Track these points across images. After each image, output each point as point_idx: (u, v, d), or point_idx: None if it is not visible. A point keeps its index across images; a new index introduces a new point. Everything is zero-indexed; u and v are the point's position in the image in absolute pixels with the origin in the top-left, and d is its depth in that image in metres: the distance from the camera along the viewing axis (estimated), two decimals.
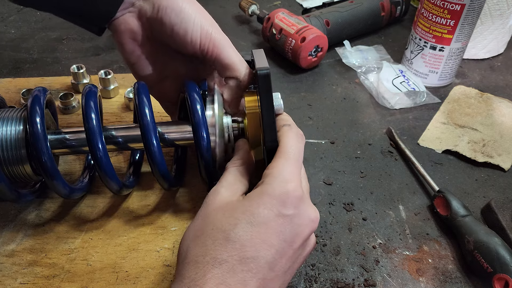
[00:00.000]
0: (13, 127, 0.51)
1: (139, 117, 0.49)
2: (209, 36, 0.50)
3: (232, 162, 0.46)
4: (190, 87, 0.52)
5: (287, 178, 0.39)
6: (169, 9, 0.49)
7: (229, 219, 0.38)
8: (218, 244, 0.36)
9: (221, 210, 0.39)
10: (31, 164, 0.52)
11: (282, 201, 0.38)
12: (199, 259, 0.36)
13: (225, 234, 0.37)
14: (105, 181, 0.52)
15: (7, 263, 0.52)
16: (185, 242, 0.39)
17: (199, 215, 0.41)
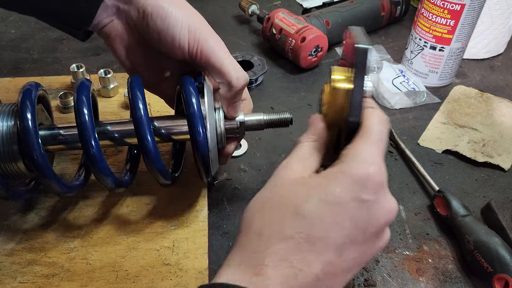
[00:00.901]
0: (4, 122, 0.50)
1: (132, 110, 0.48)
2: (197, 41, 0.49)
3: (306, 136, 0.42)
4: (186, 80, 0.51)
5: (369, 160, 0.35)
6: (155, 14, 0.47)
7: (300, 193, 0.35)
8: (285, 219, 0.34)
9: (292, 183, 0.36)
10: (23, 161, 0.50)
11: (361, 184, 0.34)
12: (263, 232, 0.34)
13: (294, 209, 0.34)
14: (98, 177, 0.51)
15: (6, 262, 0.52)
16: (250, 212, 0.36)
17: (267, 186, 0.38)
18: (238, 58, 0.85)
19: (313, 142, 0.41)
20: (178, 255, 0.53)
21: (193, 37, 0.48)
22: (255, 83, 0.84)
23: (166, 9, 0.48)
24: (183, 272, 0.52)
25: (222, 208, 0.61)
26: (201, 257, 0.53)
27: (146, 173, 0.63)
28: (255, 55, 0.86)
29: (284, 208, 0.34)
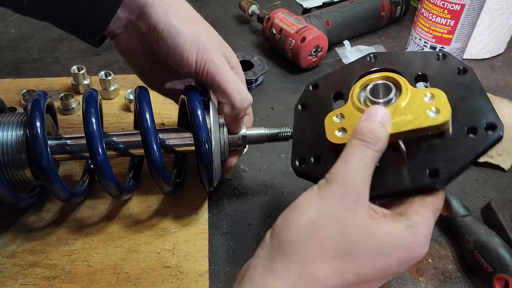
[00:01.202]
0: (14, 131, 0.51)
1: (140, 123, 0.50)
2: (204, 61, 0.49)
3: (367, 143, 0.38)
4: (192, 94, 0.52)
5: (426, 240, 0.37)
6: (165, 32, 0.48)
7: (360, 236, 0.36)
8: (338, 253, 0.35)
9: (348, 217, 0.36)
10: (31, 169, 0.52)
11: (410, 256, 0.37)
12: (309, 258, 0.35)
13: (349, 249, 0.35)
14: (105, 187, 0.52)
15: (7, 264, 0.52)
16: (295, 231, 0.36)
17: (312, 206, 0.37)
18: (238, 58, 0.85)
19: (376, 153, 0.38)
20: (178, 257, 0.54)
21: (201, 57, 0.49)
22: (255, 83, 0.84)
23: (178, 28, 0.48)
24: (184, 274, 0.52)
25: (222, 208, 0.61)
26: (202, 260, 0.53)
27: (146, 177, 0.63)
28: (255, 55, 0.86)
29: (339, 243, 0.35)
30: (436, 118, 0.38)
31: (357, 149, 0.37)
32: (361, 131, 0.38)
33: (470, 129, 0.38)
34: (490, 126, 0.38)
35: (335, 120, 0.42)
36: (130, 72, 0.86)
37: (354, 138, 0.38)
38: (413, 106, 0.39)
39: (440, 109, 0.38)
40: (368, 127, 0.38)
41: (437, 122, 0.38)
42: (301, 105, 0.49)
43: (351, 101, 0.42)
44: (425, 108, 0.39)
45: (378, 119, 0.39)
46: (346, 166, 0.37)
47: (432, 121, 0.38)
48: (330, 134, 0.41)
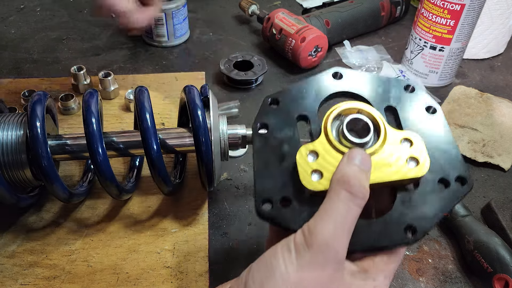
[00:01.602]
0: (14, 131, 0.51)
1: (140, 123, 0.50)
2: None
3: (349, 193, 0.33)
4: (192, 93, 0.52)
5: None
6: None
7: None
8: None
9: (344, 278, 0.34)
10: (31, 169, 0.52)
11: None
12: None
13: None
14: (105, 187, 0.52)
15: (7, 264, 0.52)
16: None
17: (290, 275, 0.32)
18: (238, 58, 0.85)
19: (361, 208, 0.34)
20: (178, 258, 0.54)
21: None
22: (255, 83, 0.84)
23: None
24: (184, 275, 0.52)
25: (222, 208, 0.61)
26: (202, 260, 0.53)
27: (147, 177, 0.63)
28: (255, 55, 0.86)
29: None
30: (417, 171, 0.36)
31: (342, 203, 0.33)
32: (347, 178, 0.34)
33: (443, 181, 0.37)
34: (461, 179, 0.37)
35: (308, 160, 0.37)
36: (130, 72, 0.86)
37: (338, 186, 0.34)
38: (391, 153, 0.37)
39: (419, 160, 0.36)
40: (355, 175, 0.34)
41: (417, 175, 0.36)
42: (261, 124, 0.41)
43: (326, 137, 0.38)
44: (404, 157, 0.36)
45: (363, 167, 0.35)
46: (328, 226, 0.32)
47: (412, 173, 0.36)
48: (305, 179, 0.36)
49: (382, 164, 0.36)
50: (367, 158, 0.35)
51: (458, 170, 0.37)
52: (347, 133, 0.37)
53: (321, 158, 0.37)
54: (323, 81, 0.43)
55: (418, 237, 0.35)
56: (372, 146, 0.37)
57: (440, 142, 0.39)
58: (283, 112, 0.41)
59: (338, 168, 0.35)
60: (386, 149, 0.37)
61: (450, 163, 0.38)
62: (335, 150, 0.37)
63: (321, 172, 0.36)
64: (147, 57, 0.91)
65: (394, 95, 0.42)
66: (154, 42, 0.94)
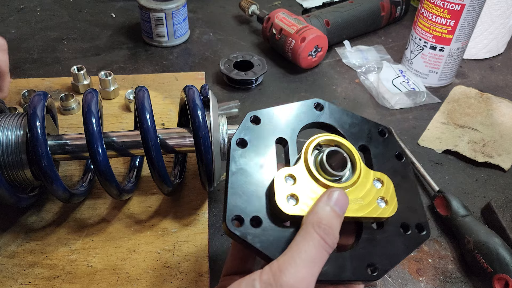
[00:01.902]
0: (14, 131, 0.51)
1: (140, 123, 0.50)
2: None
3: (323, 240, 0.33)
4: (192, 93, 0.52)
5: None
6: None
7: None
8: None
9: None
10: (31, 169, 0.52)
11: None
12: None
13: None
14: (105, 187, 0.52)
15: (7, 264, 0.52)
16: None
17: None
18: (238, 58, 0.85)
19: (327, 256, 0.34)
20: (178, 258, 0.54)
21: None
22: (255, 83, 0.84)
23: None
24: (184, 275, 0.52)
25: (222, 208, 0.61)
26: (202, 260, 0.53)
27: (147, 177, 0.63)
28: (255, 55, 0.86)
29: None
30: (385, 211, 0.38)
31: (316, 249, 0.32)
32: (323, 224, 0.33)
33: (404, 226, 0.39)
34: (420, 227, 0.39)
35: (285, 183, 0.36)
36: (130, 72, 0.86)
37: (313, 229, 0.33)
38: (364, 190, 0.38)
39: (388, 201, 0.38)
40: (332, 222, 0.34)
41: (385, 215, 0.37)
42: (240, 140, 0.40)
43: (305, 164, 0.38)
44: (376, 196, 0.38)
45: (339, 212, 0.35)
46: (299, 269, 0.31)
47: (381, 212, 0.37)
48: (281, 200, 0.35)
49: (354, 200, 0.37)
50: (344, 201, 0.36)
51: (418, 217, 0.40)
52: (326, 165, 0.37)
53: (299, 184, 0.37)
54: (305, 110, 0.44)
55: (379, 276, 0.36)
56: (347, 180, 0.38)
57: (405, 188, 0.41)
58: (263, 132, 0.41)
59: (315, 208, 0.34)
60: (359, 186, 0.38)
61: (412, 209, 0.40)
62: (312, 179, 0.37)
63: (297, 197, 0.36)
64: (147, 57, 0.91)
65: (369, 136, 0.44)
66: (154, 42, 0.94)
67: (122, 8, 1.09)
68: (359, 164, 0.39)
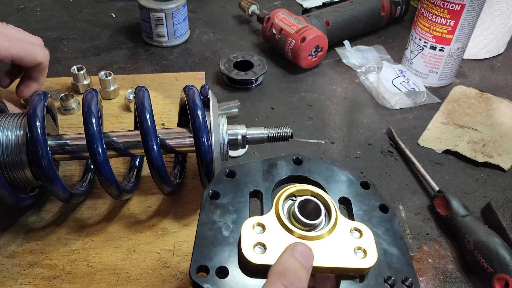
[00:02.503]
0: (14, 132, 0.51)
1: (140, 123, 0.50)
2: None
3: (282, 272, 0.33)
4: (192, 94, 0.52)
5: None
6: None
7: None
8: None
9: None
10: (31, 169, 0.52)
11: None
12: None
13: None
14: (105, 187, 0.52)
15: (7, 264, 0.52)
16: None
17: None
18: (238, 58, 0.85)
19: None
20: (178, 258, 0.54)
21: None
22: (255, 83, 0.84)
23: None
24: (184, 274, 0.52)
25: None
26: None
27: (147, 177, 0.63)
28: (255, 55, 0.86)
29: None
30: (363, 262, 0.36)
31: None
32: (287, 273, 0.32)
33: (388, 281, 0.37)
34: (407, 282, 0.37)
35: (254, 231, 0.36)
36: (130, 72, 0.86)
37: (277, 279, 0.32)
38: (340, 240, 0.37)
39: (367, 252, 0.36)
40: (296, 271, 0.33)
41: (363, 266, 0.36)
42: (213, 192, 0.40)
43: (275, 213, 0.38)
44: (353, 247, 0.37)
45: (304, 263, 0.34)
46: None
47: (358, 263, 0.36)
48: (247, 249, 0.35)
49: (330, 250, 0.36)
50: (309, 254, 0.35)
51: (405, 272, 0.37)
52: (297, 213, 0.37)
53: (268, 233, 0.36)
54: (283, 164, 0.44)
55: None
56: (322, 229, 0.37)
57: (390, 241, 0.39)
58: (238, 185, 0.41)
59: (279, 260, 0.34)
60: (335, 235, 0.37)
61: (398, 264, 0.38)
62: (283, 227, 0.37)
63: (265, 246, 0.35)
64: (147, 57, 0.91)
65: (350, 189, 0.43)
66: (154, 42, 0.94)
67: (122, 8, 1.09)
68: (335, 213, 0.38)
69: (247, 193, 0.41)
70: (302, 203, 0.38)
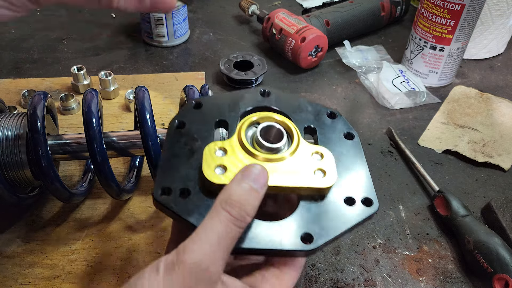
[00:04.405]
0: (14, 131, 0.51)
1: (140, 123, 0.50)
2: None
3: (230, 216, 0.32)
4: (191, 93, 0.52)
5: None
6: None
7: None
8: None
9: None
10: (31, 169, 0.52)
11: None
12: None
13: None
14: (105, 187, 0.52)
15: (7, 264, 0.52)
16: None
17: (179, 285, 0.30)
18: (238, 58, 0.85)
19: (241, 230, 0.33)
20: None
21: None
22: (255, 83, 0.84)
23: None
24: None
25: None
26: None
27: (147, 177, 0.63)
28: (255, 55, 0.86)
29: None
30: (322, 182, 0.37)
31: (222, 224, 0.32)
32: (231, 200, 0.32)
33: (349, 200, 0.37)
34: (368, 201, 0.37)
35: (215, 154, 0.37)
36: (130, 72, 0.86)
37: (220, 206, 0.32)
38: (300, 162, 0.38)
39: (326, 173, 0.37)
40: (241, 197, 0.33)
41: (322, 186, 0.36)
42: (179, 122, 0.41)
43: (237, 136, 0.38)
44: (313, 168, 0.37)
45: (255, 186, 0.34)
46: (203, 246, 0.31)
47: (317, 183, 0.36)
48: (208, 169, 0.36)
49: (290, 171, 0.37)
50: (260, 175, 0.34)
51: (366, 192, 0.38)
52: (259, 137, 0.38)
53: (229, 155, 0.37)
54: (250, 96, 0.44)
55: (311, 247, 0.34)
56: (283, 152, 0.38)
57: (353, 164, 0.40)
58: (204, 115, 0.42)
59: (227, 186, 0.34)
60: (296, 158, 0.38)
61: (360, 185, 0.39)
62: (244, 151, 0.37)
63: (226, 167, 0.36)
64: (147, 57, 0.91)
65: (316, 118, 0.43)
66: (154, 42, 0.94)
67: None
68: (297, 137, 0.39)
69: (213, 123, 0.41)
70: (264, 128, 0.39)
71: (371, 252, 0.56)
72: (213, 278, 0.31)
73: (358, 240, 0.58)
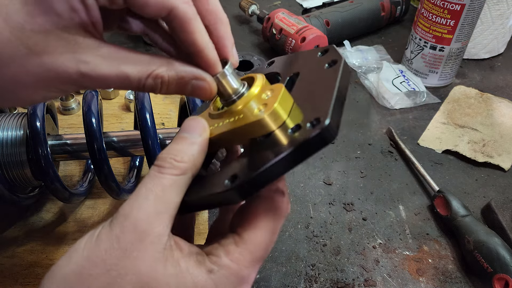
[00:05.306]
0: (14, 131, 0.51)
1: (140, 123, 0.50)
2: None
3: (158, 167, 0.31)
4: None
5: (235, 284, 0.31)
6: None
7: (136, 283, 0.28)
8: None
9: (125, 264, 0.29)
10: (31, 169, 0.52)
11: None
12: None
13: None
14: (105, 187, 0.52)
15: (7, 264, 0.52)
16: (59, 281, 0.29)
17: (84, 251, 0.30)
18: (238, 58, 0.85)
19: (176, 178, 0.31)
20: None
21: None
22: None
23: None
24: None
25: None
26: None
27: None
28: (255, 55, 0.86)
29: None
30: (256, 115, 0.31)
31: (149, 177, 0.30)
32: (161, 155, 0.31)
33: (294, 128, 0.30)
34: (314, 121, 0.29)
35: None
36: None
37: (155, 163, 0.31)
38: (248, 106, 0.32)
39: (268, 105, 0.31)
40: (170, 149, 0.32)
41: (254, 119, 0.31)
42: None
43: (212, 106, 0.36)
44: (258, 106, 0.32)
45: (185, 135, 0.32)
46: (133, 198, 0.30)
47: (254, 116, 0.31)
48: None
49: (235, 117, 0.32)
50: (194, 124, 0.33)
51: (318, 113, 0.29)
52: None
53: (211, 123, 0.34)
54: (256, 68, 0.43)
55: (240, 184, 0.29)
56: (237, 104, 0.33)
57: (321, 90, 0.32)
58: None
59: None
60: (245, 104, 0.32)
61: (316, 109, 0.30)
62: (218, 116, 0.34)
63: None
64: None
65: (307, 61, 0.38)
66: None
67: None
68: (259, 85, 0.33)
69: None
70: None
71: (371, 252, 0.56)
72: (144, 229, 0.29)
73: (358, 240, 0.58)
